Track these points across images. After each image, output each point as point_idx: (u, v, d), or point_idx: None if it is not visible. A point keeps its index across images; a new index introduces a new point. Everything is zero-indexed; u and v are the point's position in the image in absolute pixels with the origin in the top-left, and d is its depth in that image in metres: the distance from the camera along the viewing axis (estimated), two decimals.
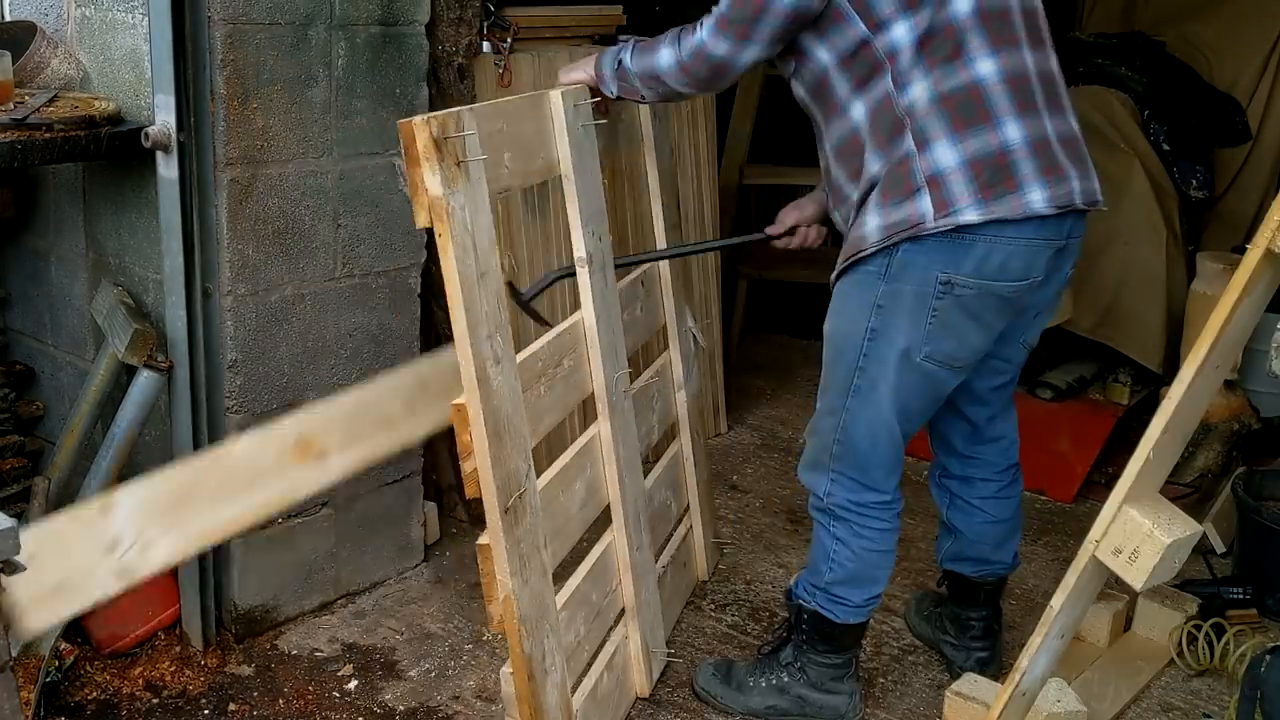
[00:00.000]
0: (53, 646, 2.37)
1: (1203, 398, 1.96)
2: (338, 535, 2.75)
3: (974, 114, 2.01)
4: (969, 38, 2.01)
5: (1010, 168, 2.02)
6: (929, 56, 2.00)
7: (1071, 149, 2.11)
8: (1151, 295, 3.78)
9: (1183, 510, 1.96)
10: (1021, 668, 2.02)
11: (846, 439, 2.25)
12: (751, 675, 2.46)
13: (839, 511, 2.30)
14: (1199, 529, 1.93)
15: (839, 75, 2.09)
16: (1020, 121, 2.03)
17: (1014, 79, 2.03)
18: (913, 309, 2.10)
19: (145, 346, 2.40)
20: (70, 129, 2.31)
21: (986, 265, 2.05)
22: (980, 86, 2.01)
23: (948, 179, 2.01)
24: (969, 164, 2.00)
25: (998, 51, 2.02)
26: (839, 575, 2.33)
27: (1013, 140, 2.02)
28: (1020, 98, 2.04)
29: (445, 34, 2.81)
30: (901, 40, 2.00)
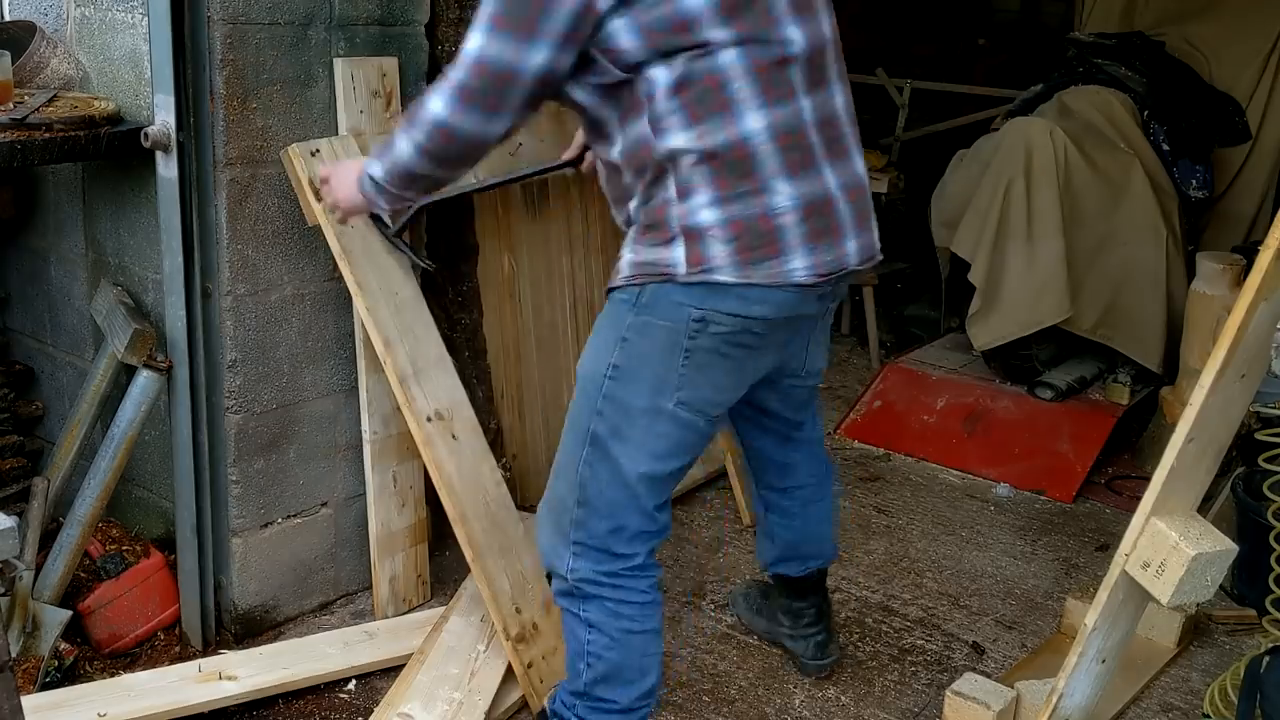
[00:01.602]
0: (53, 646, 2.37)
1: (1232, 407, 1.93)
2: (337, 535, 2.75)
3: (740, 173, 1.80)
4: (736, 88, 1.77)
5: (775, 233, 1.81)
6: (689, 107, 1.77)
7: (854, 201, 1.91)
8: (1151, 295, 3.78)
9: None
10: (1059, 689, 2.01)
11: (588, 499, 1.94)
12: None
13: (588, 590, 1.97)
14: (1231, 545, 1.90)
15: (605, 109, 1.85)
16: (792, 182, 1.82)
17: (786, 134, 1.81)
18: (665, 347, 1.86)
19: (145, 346, 2.40)
20: (70, 129, 2.31)
21: (743, 305, 1.84)
22: (748, 144, 1.79)
23: (706, 235, 1.80)
24: (729, 224, 1.80)
25: (770, 104, 1.80)
26: (600, 671, 1.99)
27: (780, 205, 1.81)
28: (794, 155, 1.82)
29: (445, 34, 2.80)
30: (657, 82, 1.77)
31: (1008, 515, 3.46)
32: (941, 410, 3.90)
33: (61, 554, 2.45)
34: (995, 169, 3.75)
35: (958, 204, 3.89)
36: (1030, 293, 3.69)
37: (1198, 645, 2.79)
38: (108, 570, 2.53)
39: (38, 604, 2.39)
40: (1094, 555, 3.23)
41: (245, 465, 2.53)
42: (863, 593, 2.97)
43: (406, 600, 2.75)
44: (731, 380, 1.94)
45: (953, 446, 3.79)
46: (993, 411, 3.84)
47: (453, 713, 2.29)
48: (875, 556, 3.16)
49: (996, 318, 3.75)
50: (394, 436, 2.69)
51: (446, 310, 3.02)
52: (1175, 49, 4.31)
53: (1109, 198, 3.76)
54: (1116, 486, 3.65)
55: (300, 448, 2.62)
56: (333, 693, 2.46)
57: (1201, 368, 1.85)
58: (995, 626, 2.86)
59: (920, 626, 2.84)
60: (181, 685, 2.34)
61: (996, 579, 3.08)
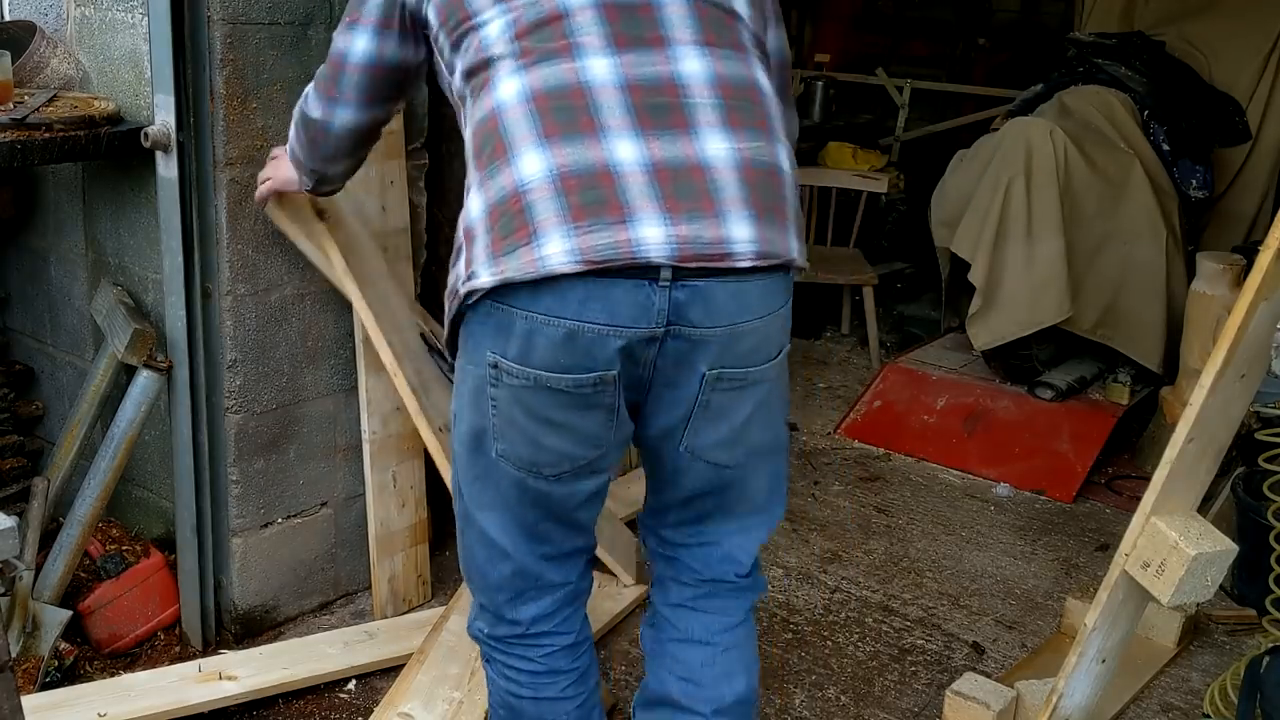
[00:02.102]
0: (53, 646, 2.37)
1: (1232, 407, 1.92)
2: (337, 535, 2.75)
3: (491, 149, 1.55)
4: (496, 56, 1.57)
5: (525, 212, 1.48)
6: (473, 94, 1.62)
7: (674, 181, 1.48)
8: (1151, 295, 3.78)
9: None
10: (1059, 689, 2.01)
11: (461, 558, 1.80)
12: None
13: (485, 650, 1.84)
14: (1231, 545, 1.90)
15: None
16: (549, 148, 1.48)
17: (547, 96, 1.51)
18: (475, 391, 1.62)
19: (145, 346, 2.40)
20: (70, 129, 2.31)
21: (531, 349, 1.52)
22: (498, 114, 1.54)
23: (474, 236, 1.55)
24: (488, 213, 1.54)
25: (527, 68, 1.53)
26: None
27: (528, 177, 1.49)
28: (559, 117, 1.50)
29: None
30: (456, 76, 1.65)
31: (1008, 515, 3.46)
32: (941, 410, 3.90)
33: (61, 554, 2.45)
34: (995, 169, 3.75)
35: (958, 204, 3.89)
36: (1030, 293, 3.69)
37: (1198, 645, 2.79)
38: (108, 570, 2.53)
39: (38, 604, 2.39)
40: (1094, 555, 3.23)
41: (245, 465, 2.53)
42: (863, 593, 2.97)
43: (406, 600, 2.75)
44: (549, 441, 1.59)
45: (953, 446, 3.79)
46: (993, 411, 3.84)
47: (453, 712, 2.29)
48: (875, 556, 3.16)
49: (996, 318, 3.75)
50: (393, 436, 2.69)
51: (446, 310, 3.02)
52: (1175, 49, 4.32)
53: (1109, 198, 3.76)
54: (1116, 486, 3.65)
55: (300, 448, 2.62)
56: (333, 693, 2.45)
57: (1201, 368, 1.85)
58: (995, 626, 2.86)
59: (920, 626, 2.84)
60: (181, 685, 2.34)
61: (996, 579, 3.08)
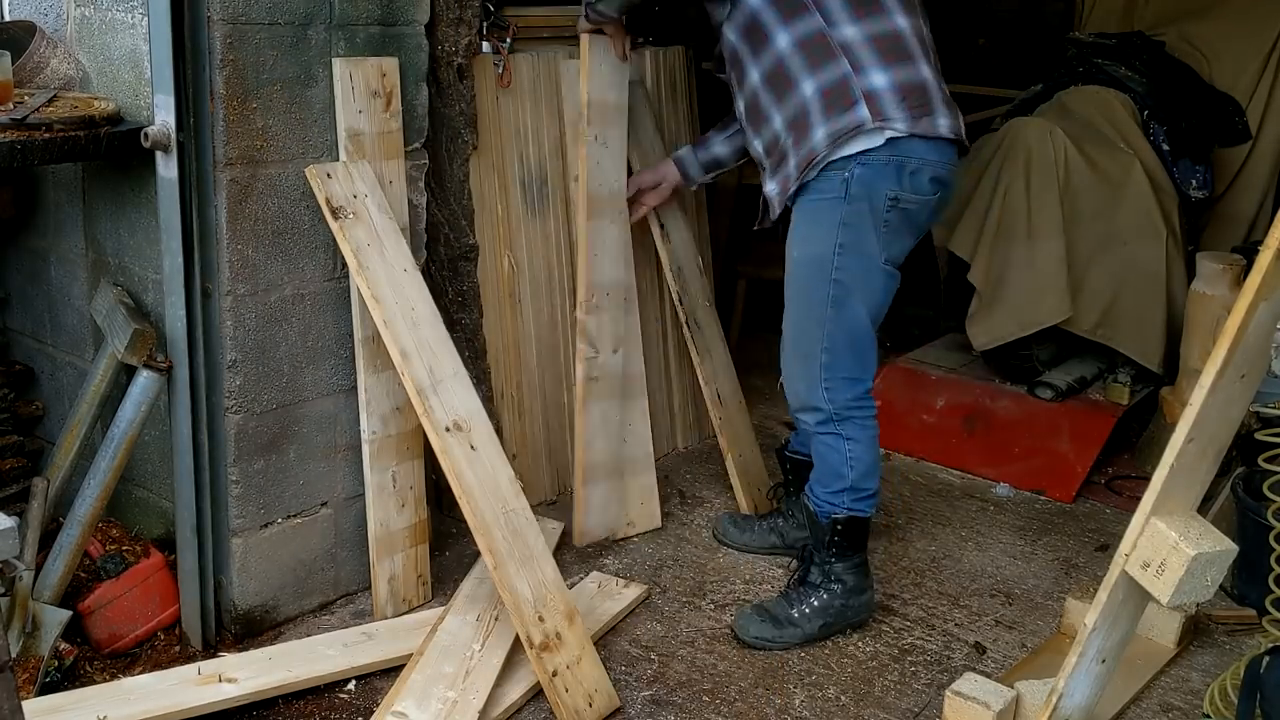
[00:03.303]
0: (52, 646, 2.37)
1: (1232, 407, 1.92)
2: (337, 535, 2.75)
3: (900, 52, 2.53)
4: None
5: (927, 95, 2.53)
6: (855, 7, 2.52)
7: (945, 93, 2.61)
8: (1151, 295, 3.78)
9: None
10: (1059, 689, 2.01)
11: (834, 346, 2.61)
12: (794, 606, 2.70)
13: (844, 412, 2.65)
14: (1231, 545, 1.90)
15: (768, 11, 2.56)
16: (925, 64, 2.56)
17: (915, 33, 2.58)
18: (873, 223, 2.53)
19: (145, 346, 2.40)
20: (70, 129, 2.31)
21: (918, 182, 2.53)
22: (901, 34, 2.54)
23: (881, 96, 2.49)
24: (898, 88, 2.50)
25: (905, 11, 2.57)
26: (860, 470, 2.66)
27: (926, 75, 2.55)
28: (920, 49, 2.57)
29: (445, 34, 2.81)
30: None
31: (1007, 515, 3.46)
32: (941, 410, 3.90)
33: (61, 554, 2.45)
34: (995, 169, 3.75)
35: (957, 204, 3.89)
36: (1030, 293, 3.68)
37: (1198, 645, 2.79)
38: (108, 570, 2.53)
39: (38, 604, 2.39)
40: (1094, 555, 3.23)
41: (245, 465, 2.53)
42: None
43: (406, 600, 2.75)
44: (908, 242, 2.64)
45: (952, 446, 3.79)
46: (993, 411, 3.83)
47: (446, 711, 2.29)
48: (875, 556, 3.16)
49: (996, 318, 3.75)
50: (393, 436, 2.69)
51: (447, 310, 3.02)
52: (1175, 49, 4.31)
53: (1109, 198, 3.76)
54: (1116, 486, 3.65)
55: (300, 448, 2.62)
56: (333, 693, 2.45)
57: (1201, 368, 1.85)
58: (995, 626, 2.86)
59: (920, 626, 2.84)
60: (181, 688, 2.34)
61: (996, 579, 3.08)
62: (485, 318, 3.09)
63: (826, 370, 2.63)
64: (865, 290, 2.59)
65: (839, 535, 2.68)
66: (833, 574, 2.70)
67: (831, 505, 2.69)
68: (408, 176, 2.69)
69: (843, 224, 2.53)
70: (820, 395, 2.65)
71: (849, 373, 2.65)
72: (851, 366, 2.65)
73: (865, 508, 2.70)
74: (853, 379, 2.66)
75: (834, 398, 2.65)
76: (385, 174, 2.62)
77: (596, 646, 2.65)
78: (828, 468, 2.70)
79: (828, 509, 2.69)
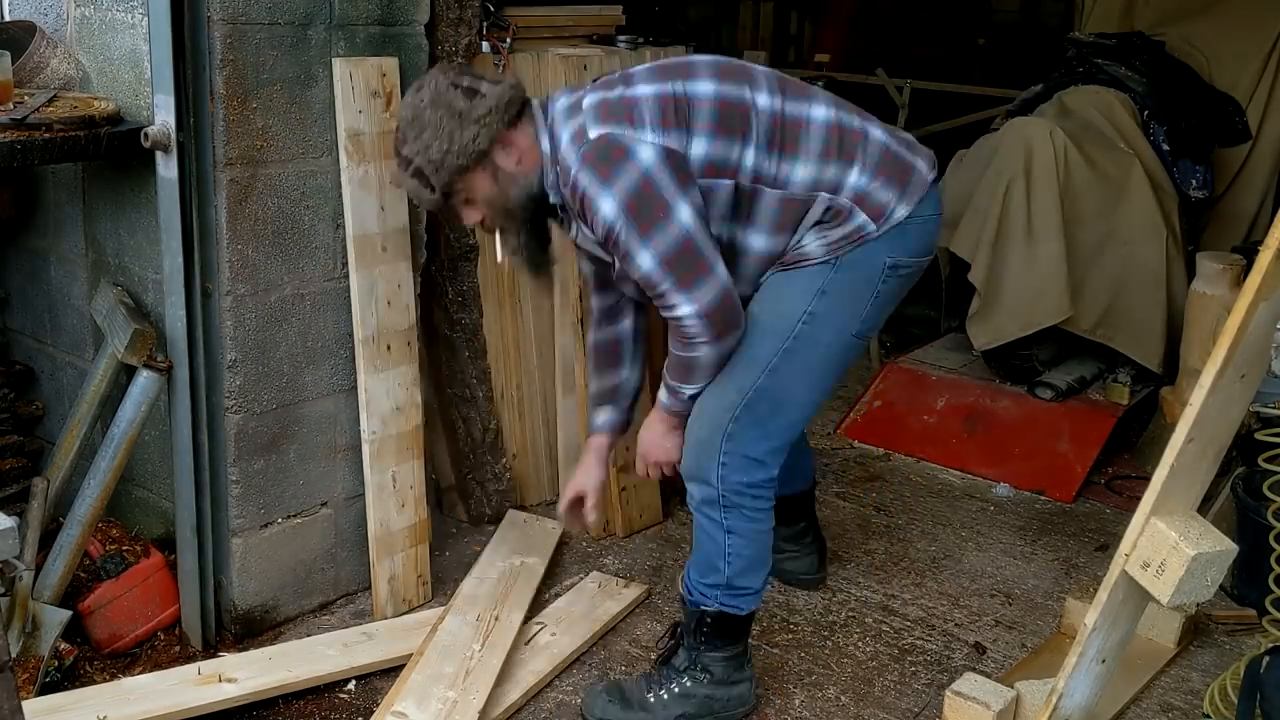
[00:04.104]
0: (52, 646, 2.37)
1: (1232, 407, 1.92)
2: (337, 535, 2.75)
3: (846, 146, 2.24)
4: (772, 128, 2.22)
5: (895, 156, 2.27)
6: (783, 148, 2.21)
7: (906, 136, 2.39)
8: (1151, 295, 3.78)
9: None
10: (1059, 689, 2.01)
11: (749, 416, 2.28)
12: (650, 690, 2.41)
13: (734, 499, 2.31)
14: (1231, 545, 1.89)
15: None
16: (873, 126, 2.31)
17: (836, 128, 2.26)
18: (860, 292, 2.29)
19: (145, 346, 2.40)
20: (70, 129, 2.30)
21: (919, 244, 2.32)
22: (831, 126, 2.25)
23: (870, 194, 2.23)
24: (874, 173, 2.24)
25: (819, 101, 2.28)
26: (738, 567, 2.34)
27: (880, 136, 2.28)
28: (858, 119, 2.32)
29: (445, 34, 2.80)
30: (748, 162, 2.20)
31: (1008, 515, 3.46)
32: (941, 410, 3.90)
33: (61, 554, 2.45)
34: (995, 169, 3.75)
35: (958, 204, 3.89)
36: (1030, 293, 3.69)
37: (1198, 645, 2.79)
38: (108, 570, 2.53)
39: (38, 604, 2.39)
40: (1094, 555, 3.23)
41: (245, 465, 2.53)
42: (863, 593, 2.97)
43: (406, 600, 2.75)
44: (890, 309, 2.40)
45: (952, 446, 3.79)
46: (993, 411, 3.83)
47: (446, 711, 2.29)
48: (875, 556, 3.16)
49: (996, 318, 3.75)
50: (393, 436, 2.69)
51: (447, 310, 3.02)
52: (1175, 49, 4.31)
53: (1109, 198, 3.76)
54: (1116, 486, 3.65)
55: (300, 448, 2.62)
56: (333, 693, 2.45)
57: (1201, 368, 1.84)
58: (995, 626, 2.86)
59: (920, 626, 2.84)
60: (181, 688, 2.34)
61: (996, 579, 3.08)
62: (485, 318, 3.09)
63: (728, 441, 2.28)
64: (818, 366, 2.30)
65: (707, 629, 2.37)
66: (699, 662, 2.39)
67: (703, 596, 2.36)
68: None
69: (822, 292, 2.26)
70: (713, 470, 2.30)
71: (753, 452, 2.29)
72: (758, 445, 2.29)
73: (741, 605, 2.36)
74: (755, 461, 2.30)
75: (726, 477, 2.29)
76: (385, 174, 2.62)
77: (598, 646, 2.66)
78: (704, 556, 2.36)
79: (697, 599, 2.37)
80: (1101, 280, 3.76)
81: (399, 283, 2.68)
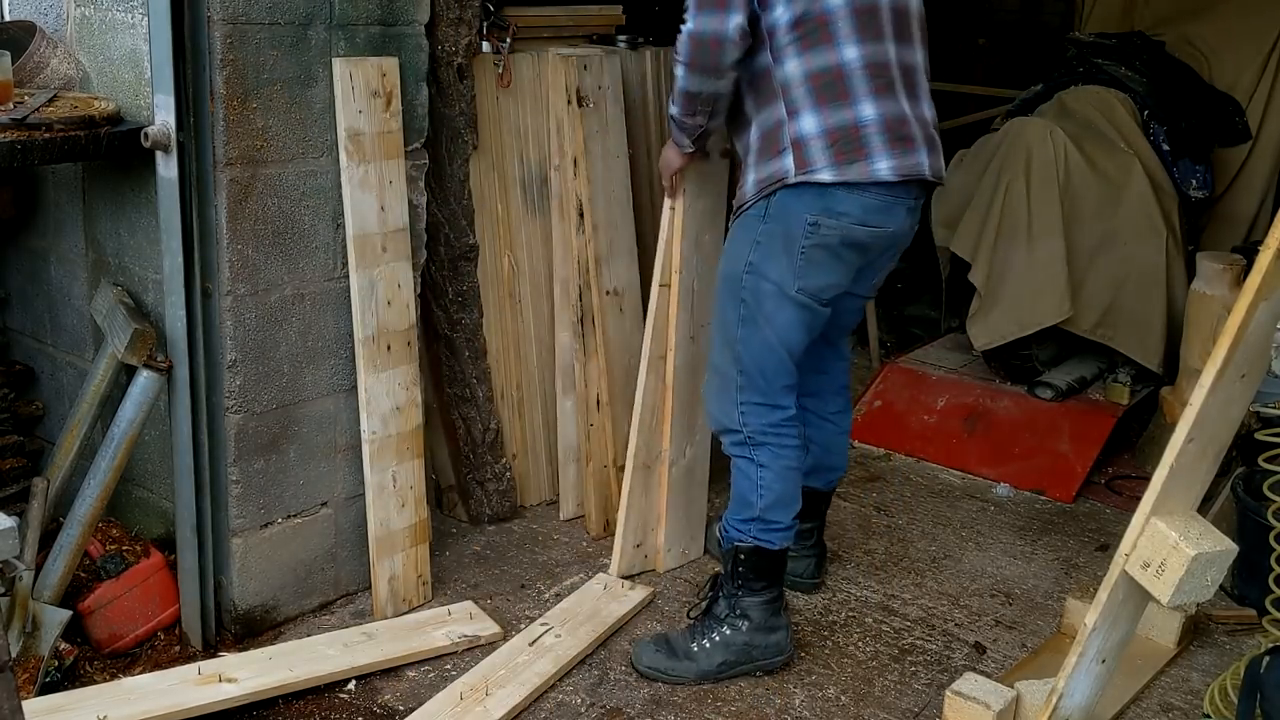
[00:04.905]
0: (52, 646, 2.37)
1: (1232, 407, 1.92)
2: (337, 535, 2.75)
3: (835, 92, 2.31)
4: (839, 26, 2.30)
5: (862, 139, 2.31)
6: (803, 39, 2.30)
7: (924, 130, 2.42)
8: (1151, 295, 3.78)
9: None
10: (1059, 689, 2.01)
11: (747, 369, 2.48)
12: (694, 640, 2.55)
13: (758, 438, 2.50)
14: (1231, 545, 1.90)
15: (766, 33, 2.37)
16: (876, 101, 2.33)
17: (874, 65, 2.33)
18: (786, 247, 2.38)
19: (145, 346, 2.40)
20: (70, 129, 2.30)
21: (846, 212, 2.34)
22: (843, 69, 2.31)
23: (808, 143, 2.32)
24: (827, 133, 2.31)
25: (863, 41, 2.32)
26: (769, 500, 2.51)
27: (866, 117, 2.31)
28: (879, 82, 2.34)
29: (445, 34, 2.81)
30: (778, 20, 2.30)
31: (1008, 515, 3.46)
32: (941, 410, 3.90)
33: (61, 554, 2.45)
34: (995, 169, 3.75)
35: (958, 204, 3.89)
36: (1030, 293, 3.69)
37: (1198, 645, 2.79)
38: (108, 570, 2.53)
39: (38, 604, 2.39)
40: (1094, 555, 3.23)
41: (245, 465, 2.53)
42: (863, 593, 2.97)
43: (406, 600, 2.75)
44: (835, 275, 2.43)
45: (953, 446, 3.79)
46: (993, 411, 3.83)
47: None
48: (875, 556, 3.16)
49: (996, 318, 3.75)
50: (393, 436, 2.69)
51: (446, 310, 3.02)
52: (1175, 49, 4.31)
53: (1109, 198, 3.75)
54: (1116, 486, 3.65)
55: (300, 448, 2.62)
56: (333, 693, 2.45)
57: (1201, 368, 1.85)
58: (995, 626, 2.86)
59: (920, 626, 2.84)
60: (181, 688, 2.34)
61: (996, 579, 3.08)
62: (485, 318, 3.09)
63: (741, 393, 2.50)
64: (773, 318, 2.44)
65: (743, 565, 2.53)
66: (739, 608, 2.54)
67: (739, 533, 2.53)
68: (408, 176, 2.69)
69: (755, 243, 2.41)
70: (735, 417, 2.52)
71: (762, 398, 2.50)
72: (765, 393, 2.50)
73: (774, 540, 2.52)
74: (767, 405, 2.50)
75: (748, 421, 2.51)
76: (385, 174, 2.62)
77: (601, 647, 2.66)
78: (739, 493, 2.55)
79: (734, 535, 2.54)
80: (1101, 280, 3.76)
81: (399, 283, 2.68)
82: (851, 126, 2.31)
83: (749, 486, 2.52)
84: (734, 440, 2.54)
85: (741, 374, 2.49)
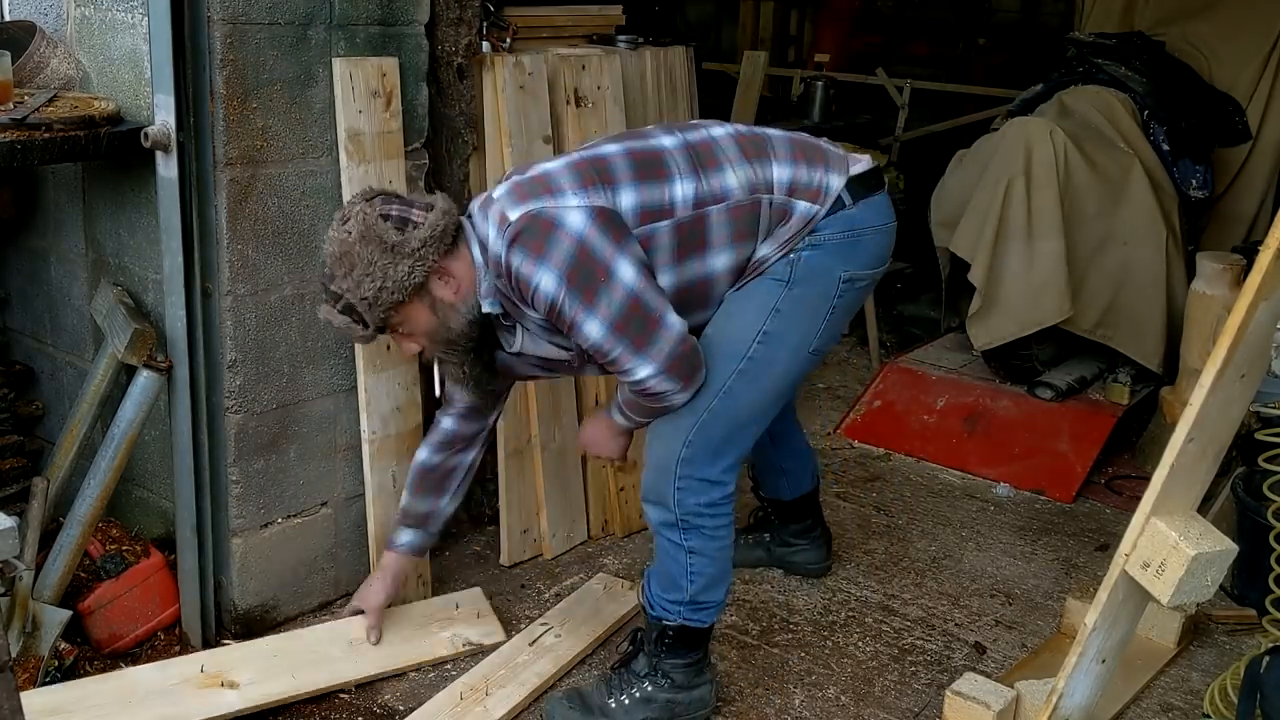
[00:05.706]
0: (53, 646, 2.37)
1: (1232, 407, 1.92)
2: (337, 535, 2.75)
3: (758, 148, 2.27)
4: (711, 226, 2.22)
5: (801, 141, 2.31)
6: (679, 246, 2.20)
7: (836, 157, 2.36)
8: (1151, 295, 3.78)
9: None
10: (1059, 689, 2.01)
11: (703, 439, 2.26)
12: (610, 696, 2.39)
13: (691, 520, 2.29)
14: (1231, 545, 1.89)
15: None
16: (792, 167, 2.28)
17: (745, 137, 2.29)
18: (815, 308, 2.27)
19: (145, 346, 2.40)
20: (70, 129, 2.30)
21: (874, 255, 2.31)
22: (716, 143, 2.29)
23: (796, 180, 2.23)
24: (793, 160, 2.25)
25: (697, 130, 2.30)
26: (701, 585, 2.33)
27: (780, 133, 2.33)
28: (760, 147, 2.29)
29: (445, 34, 2.80)
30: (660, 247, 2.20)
31: (1008, 515, 3.46)
32: (941, 410, 3.90)
33: (61, 554, 2.45)
34: (995, 169, 3.75)
35: (957, 204, 3.89)
36: (1030, 293, 3.69)
37: (1198, 645, 2.79)
38: (108, 570, 2.53)
39: (38, 604, 2.38)
40: (1094, 555, 3.23)
41: (245, 465, 2.53)
42: (863, 593, 2.97)
43: (406, 600, 2.75)
44: (846, 323, 2.42)
45: (953, 446, 3.79)
46: (993, 411, 3.84)
47: None
48: (875, 556, 3.16)
49: (996, 318, 3.75)
50: (393, 436, 2.69)
51: None
52: (1175, 49, 4.32)
53: (1109, 198, 3.76)
54: (1116, 486, 3.65)
55: (300, 448, 2.62)
56: (333, 693, 2.45)
57: (1201, 368, 1.85)
58: (995, 626, 2.86)
59: (920, 626, 2.84)
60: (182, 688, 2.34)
61: (996, 579, 3.08)
62: None
63: (683, 466, 2.26)
64: (776, 379, 2.29)
65: (670, 639, 2.35)
66: (660, 669, 2.37)
67: (665, 611, 2.34)
68: (408, 176, 2.69)
69: (776, 310, 2.23)
70: (670, 494, 2.28)
71: (707, 474, 2.28)
72: (713, 466, 2.28)
73: (704, 619, 2.36)
74: (710, 483, 2.29)
75: (682, 501, 2.28)
76: (385, 174, 2.62)
77: (601, 647, 2.66)
78: (666, 573, 2.34)
79: (660, 614, 2.35)
80: (1101, 280, 3.76)
81: None
82: (789, 140, 2.31)
83: (679, 571, 2.32)
84: (662, 519, 2.32)
85: (689, 446, 2.25)
